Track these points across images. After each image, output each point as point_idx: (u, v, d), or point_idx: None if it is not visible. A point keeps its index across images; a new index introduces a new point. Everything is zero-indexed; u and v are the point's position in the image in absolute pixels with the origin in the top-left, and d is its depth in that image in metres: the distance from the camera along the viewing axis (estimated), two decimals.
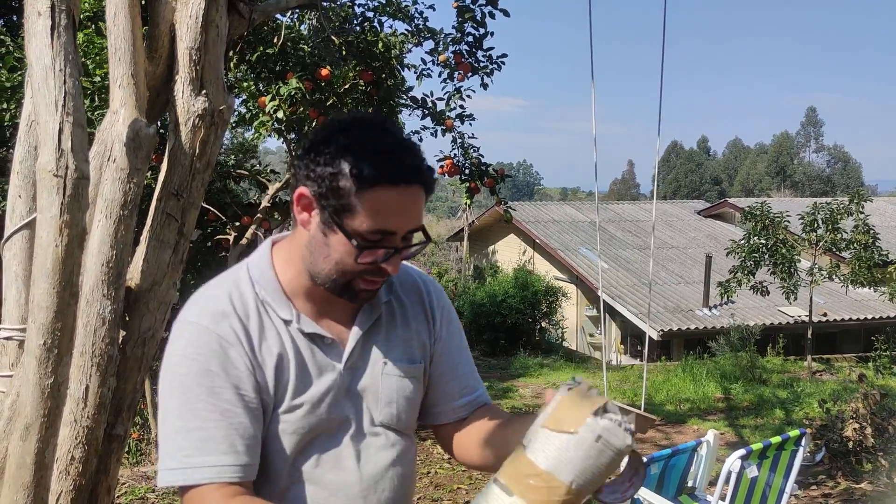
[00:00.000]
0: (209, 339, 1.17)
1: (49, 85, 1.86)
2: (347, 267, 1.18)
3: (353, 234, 1.15)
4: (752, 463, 3.11)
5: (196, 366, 1.16)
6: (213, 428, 1.14)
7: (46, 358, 1.88)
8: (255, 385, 1.18)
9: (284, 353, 1.21)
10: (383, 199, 1.13)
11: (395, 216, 1.14)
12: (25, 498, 1.91)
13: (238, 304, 1.22)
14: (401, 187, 1.13)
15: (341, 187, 1.13)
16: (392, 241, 1.16)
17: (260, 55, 4.71)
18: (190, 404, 1.15)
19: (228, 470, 1.14)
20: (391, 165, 1.13)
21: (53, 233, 1.85)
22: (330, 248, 1.18)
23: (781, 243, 12.15)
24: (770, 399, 9.37)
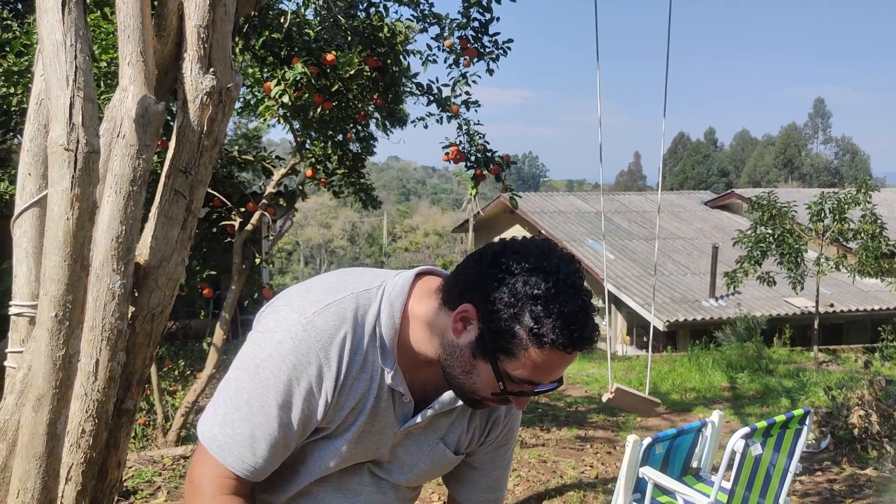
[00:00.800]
0: (312, 360, 1.15)
1: (60, 60, 1.89)
2: (480, 392, 1.18)
3: (503, 374, 1.14)
4: (756, 441, 3.12)
5: (285, 375, 1.15)
6: (267, 435, 1.17)
7: (58, 330, 1.91)
8: (323, 417, 1.19)
9: (368, 398, 1.21)
10: (548, 360, 1.11)
11: (549, 374, 1.14)
12: (38, 468, 1.95)
13: (358, 332, 1.18)
14: (568, 351, 1.11)
15: (515, 335, 1.10)
16: (533, 389, 1.17)
17: (266, 40, 4.72)
18: (259, 401, 1.16)
19: (256, 472, 1.20)
20: (571, 336, 1.09)
21: (65, 206, 1.88)
22: (473, 370, 1.16)
23: (788, 233, 12.14)
24: (776, 388, 9.38)
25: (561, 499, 4.79)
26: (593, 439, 6.53)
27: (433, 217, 55.95)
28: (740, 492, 3.21)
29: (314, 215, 48.11)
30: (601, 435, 6.75)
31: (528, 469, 5.43)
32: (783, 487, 3.42)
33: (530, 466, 5.50)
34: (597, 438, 6.58)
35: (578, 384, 9.97)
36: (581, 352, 1.15)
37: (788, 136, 65.53)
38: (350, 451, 1.25)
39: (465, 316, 1.14)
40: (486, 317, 1.12)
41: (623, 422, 7.29)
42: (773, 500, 3.39)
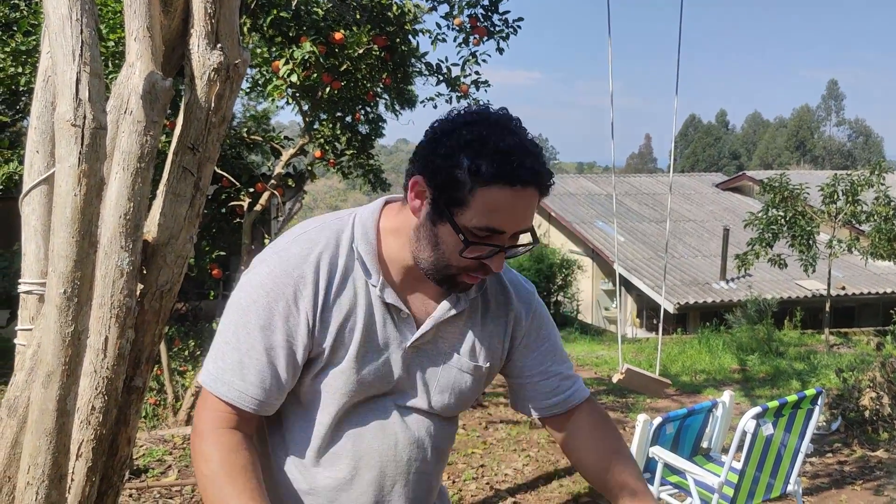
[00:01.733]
0: (287, 281, 1.19)
1: (66, 34, 1.87)
2: (452, 260, 1.18)
3: (462, 228, 1.15)
4: (768, 421, 3.10)
5: (264, 300, 1.19)
6: (254, 360, 1.19)
7: (67, 307, 1.90)
8: (308, 338, 1.20)
9: (356, 313, 1.22)
10: (497, 199, 1.12)
11: (506, 216, 1.14)
12: (48, 444, 1.95)
13: (332, 251, 1.22)
14: (516, 189, 1.12)
15: (458, 181, 1.13)
16: (499, 240, 1.16)
17: (274, 18, 4.68)
18: (244, 328, 1.19)
19: (248, 399, 1.20)
20: (509, 166, 1.11)
21: (72, 182, 1.87)
22: (438, 239, 1.18)
23: (800, 216, 12.04)
24: (786, 370, 9.35)
25: (570, 479, 4.79)
26: None
27: None
28: (751, 472, 3.20)
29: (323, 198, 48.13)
30: (611, 416, 6.75)
31: (537, 449, 5.44)
32: (794, 468, 3.41)
33: (540, 447, 5.51)
34: None
35: (588, 366, 9.97)
36: (530, 188, 1.14)
37: (801, 118, 64.96)
38: (357, 373, 1.22)
39: (416, 188, 1.19)
40: (431, 177, 1.16)
41: (633, 403, 7.29)
42: (783, 480, 3.38)
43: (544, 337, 1.40)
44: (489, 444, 5.55)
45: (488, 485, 4.66)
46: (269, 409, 1.23)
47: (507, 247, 1.18)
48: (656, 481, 3.37)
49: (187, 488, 4.26)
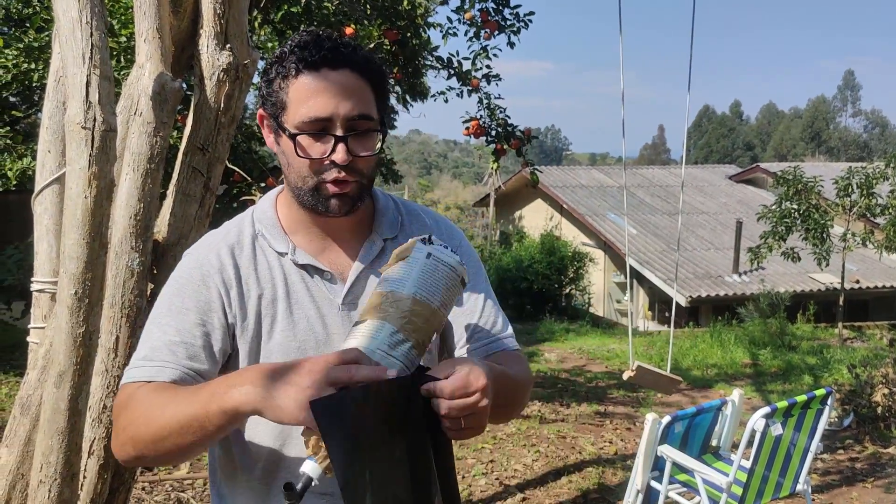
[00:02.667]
0: (193, 266, 1.23)
1: (76, 37, 1.88)
2: (303, 169, 1.17)
3: (288, 130, 1.16)
4: (777, 421, 3.10)
5: (174, 287, 1.22)
6: (167, 340, 1.17)
7: (78, 307, 1.92)
8: (222, 316, 1.20)
9: (275, 284, 1.22)
10: (304, 86, 1.14)
11: (319, 101, 1.13)
12: (60, 442, 1.98)
13: (234, 238, 1.25)
14: (323, 72, 1.14)
15: (273, 90, 1.17)
16: (331, 129, 1.14)
17: (284, 14, 4.68)
18: (159, 319, 1.20)
19: (161, 372, 1.15)
20: (308, 52, 1.14)
21: (82, 184, 1.88)
22: (285, 156, 1.20)
23: (814, 208, 11.94)
24: (798, 365, 9.30)
25: (580, 475, 4.80)
26: (613, 415, 6.52)
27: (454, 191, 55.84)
28: (760, 470, 3.19)
29: None
30: (621, 411, 6.75)
31: (546, 444, 5.45)
32: (804, 467, 3.40)
33: (549, 442, 5.52)
34: (616, 414, 6.58)
35: (599, 360, 9.96)
36: (340, 69, 1.14)
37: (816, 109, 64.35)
38: (293, 342, 1.20)
39: (261, 120, 1.24)
40: (263, 102, 1.21)
41: (643, 398, 7.28)
42: (793, 479, 3.37)
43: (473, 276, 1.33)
44: (499, 439, 5.57)
45: (498, 480, 4.67)
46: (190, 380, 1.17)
47: (342, 135, 1.14)
48: (665, 480, 3.37)
49: (199, 481, 4.30)
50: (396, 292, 1.07)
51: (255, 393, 0.99)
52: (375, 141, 1.20)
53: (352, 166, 1.16)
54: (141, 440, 1.10)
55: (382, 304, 1.07)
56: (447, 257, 1.10)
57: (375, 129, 1.19)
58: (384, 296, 1.08)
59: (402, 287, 1.08)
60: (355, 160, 1.16)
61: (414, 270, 1.08)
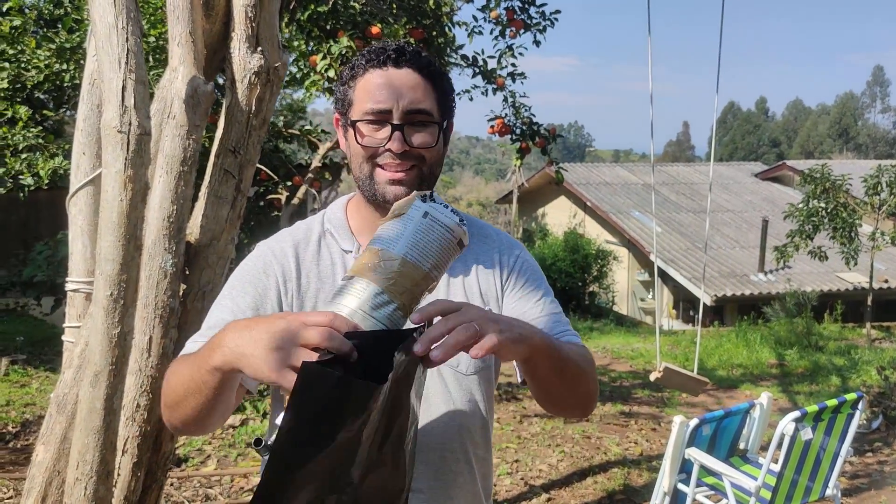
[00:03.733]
0: (260, 254, 1.30)
1: (112, 42, 1.91)
2: (360, 157, 1.24)
3: (354, 119, 1.24)
4: (807, 426, 3.07)
5: (239, 273, 1.29)
6: (220, 318, 1.21)
7: (113, 308, 1.95)
8: (278, 303, 1.25)
9: (335, 281, 1.27)
10: (368, 82, 1.23)
11: (380, 93, 1.21)
12: (96, 441, 2.01)
13: (302, 234, 1.32)
14: (386, 69, 1.22)
15: (343, 88, 1.27)
16: (390, 120, 1.21)
17: (311, 13, 4.70)
18: (219, 300, 1.27)
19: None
20: (374, 53, 1.23)
21: (118, 187, 1.91)
22: (350, 149, 1.27)
23: (842, 207, 11.78)
24: (826, 366, 9.19)
25: (605, 475, 4.78)
26: (638, 415, 6.49)
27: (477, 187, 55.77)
28: (789, 475, 3.16)
29: None
30: (646, 411, 6.71)
31: (571, 444, 5.44)
32: (833, 471, 3.36)
33: (574, 442, 5.51)
34: (641, 415, 6.55)
35: (623, 359, 9.91)
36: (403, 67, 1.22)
37: (844, 105, 63.41)
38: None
39: (336, 123, 1.32)
40: (336, 105, 1.30)
41: (668, 398, 7.23)
42: (822, 483, 3.34)
43: (533, 281, 1.35)
44: (523, 438, 5.56)
45: (522, 480, 4.67)
46: None
47: (398, 124, 1.21)
48: (692, 483, 3.35)
49: (226, 478, 4.34)
50: (387, 251, 1.04)
51: (230, 351, 0.98)
52: (435, 135, 1.25)
53: (410, 155, 1.22)
54: (168, 407, 1.16)
55: (371, 262, 1.04)
56: (445, 217, 1.07)
57: (433, 123, 1.24)
58: (374, 253, 1.04)
59: (394, 246, 1.04)
60: (411, 150, 1.22)
61: (408, 229, 1.05)
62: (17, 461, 4.45)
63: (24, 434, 5.01)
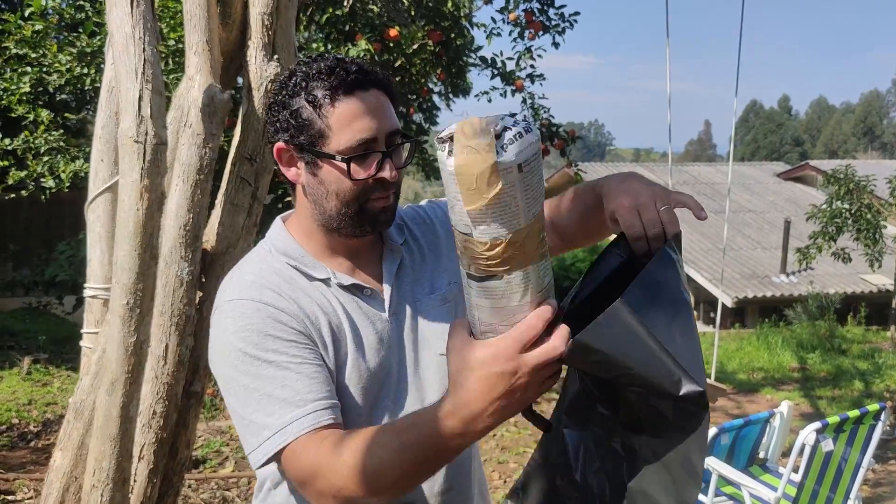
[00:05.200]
0: (257, 308, 1.13)
1: (129, 52, 1.91)
2: (349, 193, 1.17)
3: (330, 155, 1.15)
4: (828, 436, 3.02)
5: (254, 335, 1.11)
6: (294, 382, 1.09)
7: (129, 317, 1.96)
8: (313, 343, 1.15)
9: (335, 312, 1.20)
10: (347, 111, 1.14)
11: (365, 122, 1.15)
12: (112, 448, 2.02)
13: (270, 277, 1.19)
14: (358, 94, 1.15)
15: (306, 120, 1.15)
16: (376, 148, 1.16)
17: (329, 16, 4.71)
18: (262, 372, 1.10)
19: (322, 414, 1.09)
20: (339, 79, 1.14)
21: (135, 197, 1.92)
22: (325, 184, 1.17)
23: (867, 208, 11.60)
24: (849, 370, 9.07)
25: None
26: None
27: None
28: (810, 485, 3.12)
29: None
30: None
31: None
32: (855, 482, 3.31)
33: None
34: None
35: None
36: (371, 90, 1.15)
37: (869, 103, 62.61)
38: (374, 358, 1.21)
39: (283, 155, 1.20)
40: (287, 136, 1.17)
41: None
42: (843, 494, 3.29)
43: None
44: None
45: None
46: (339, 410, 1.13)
47: (387, 151, 1.16)
48: (710, 492, 3.31)
49: (244, 480, 4.36)
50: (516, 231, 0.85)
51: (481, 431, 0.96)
52: (405, 152, 1.23)
53: (396, 180, 1.20)
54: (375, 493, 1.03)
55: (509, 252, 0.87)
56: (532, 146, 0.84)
57: (408, 142, 1.23)
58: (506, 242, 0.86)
59: (518, 222, 0.85)
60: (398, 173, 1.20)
61: (517, 198, 0.84)
62: (38, 461, 4.50)
63: (45, 434, 5.07)
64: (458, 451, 1.00)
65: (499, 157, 0.81)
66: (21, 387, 6.15)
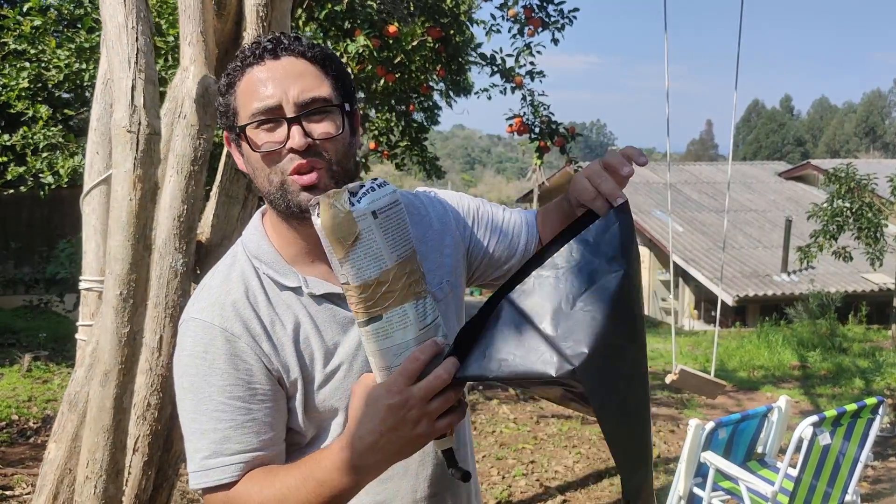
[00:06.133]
0: (214, 335, 1.10)
1: (122, 42, 1.91)
2: (264, 168, 1.09)
3: (241, 130, 1.10)
4: (825, 430, 3.01)
5: (205, 365, 1.09)
6: (228, 427, 1.09)
7: (123, 308, 1.96)
8: (268, 375, 1.11)
9: (300, 325, 1.13)
10: (247, 83, 1.09)
11: (267, 89, 1.07)
12: (106, 440, 2.02)
13: (241, 289, 1.13)
14: (263, 64, 1.09)
15: (223, 101, 1.13)
16: (281, 115, 1.08)
17: (328, 12, 4.71)
18: (203, 405, 1.09)
19: (244, 467, 1.09)
20: (248, 51, 1.11)
21: (128, 187, 1.91)
22: (249, 163, 1.12)
23: (867, 207, 11.59)
24: (849, 368, 9.05)
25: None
26: (656, 417, 6.43)
27: (498, 186, 55.71)
28: (807, 480, 3.11)
29: None
30: (664, 412, 6.65)
31: (588, 446, 5.40)
32: (853, 477, 3.30)
33: (591, 443, 5.47)
34: (660, 416, 6.49)
35: None
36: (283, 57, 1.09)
37: (871, 103, 62.51)
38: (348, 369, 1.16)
39: (227, 143, 1.18)
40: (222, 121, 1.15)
41: (687, 399, 7.16)
42: (841, 489, 3.28)
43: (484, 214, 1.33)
44: (540, 439, 5.53)
45: (538, 481, 4.64)
46: (275, 458, 1.13)
47: (294, 117, 1.07)
48: (708, 487, 3.30)
49: None
50: (384, 271, 0.95)
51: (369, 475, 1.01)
52: (338, 122, 1.10)
53: (314, 150, 1.08)
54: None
55: (378, 291, 0.96)
56: (386, 198, 0.95)
57: (332, 108, 1.10)
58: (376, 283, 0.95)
59: (383, 263, 0.95)
60: (316, 144, 1.08)
61: (376, 243, 0.94)
62: (37, 457, 4.50)
63: (44, 430, 5.06)
64: (354, 487, 1.02)
65: (352, 206, 0.94)
66: (21, 384, 6.16)
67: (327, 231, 0.95)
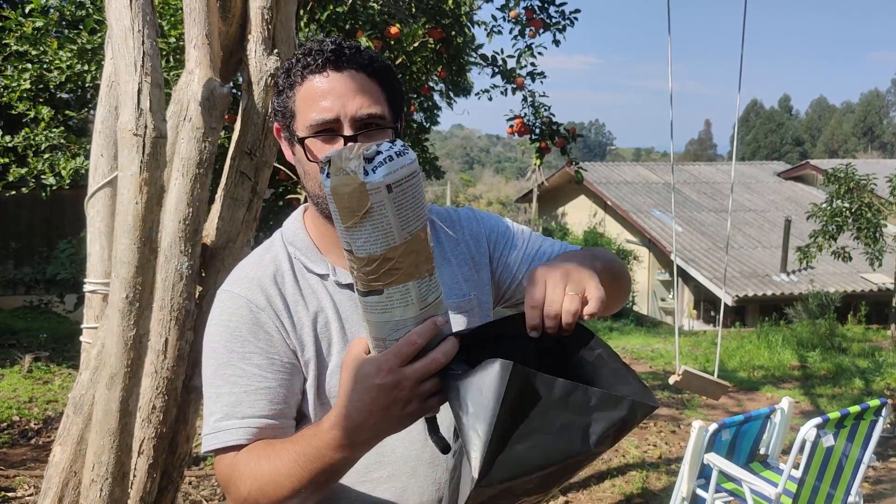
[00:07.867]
0: (240, 305, 1.16)
1: (128, 46, 1.91)
2: (317, 175, 1.13)
3: (298, 135, 1.15)
4: (829, 432, 3.01)
5: (227, 332, 1.15)
6: (242, 392, 1.13)
7: (129, 311, 1.96)
8: (286, 347, 1.15)
9: (322, 310, 1.18)
10: (308, 91, 1.13)
11: (325, 102, 1.12)
12: (111, 442, 2.02)
13: (271, 269, 1.19)
14: (328, 74, 1.13)
15: (282, 100, 1.17)
16: (338, 130, 1.12)
17: (330, 14, 4.70)
18: (221, 370, 1.14)
19: (255, 431, 1.12)
20: (307, 59, 1.14)
21: (134, 190, 1.91)
22: (301, 165, 1.17)
23: (867, 207, 11.59)
24: (849, 368, 9.06)
25: (623, 478, 4.74)
26: (657, 417, 6.44)
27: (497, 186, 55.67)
28: (810, 481, 3.11)
29: None
30: (665, 413, 6.65)
31: None
32: (856, 479, 3.31)
33: None
34: (661, 417, 6.49)
35: (643, 360, 9.84)
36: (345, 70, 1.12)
37: (869, 103, 62.54)
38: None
39: (277, 135, 1.22)
40: (277, 116, 1.19)
41: (688, 400, 7.17)
42: (844, 490, 3.28)
43: (512, 236, 1.34)
44: None
45: None
46: (285, 430, 1.15)
47: (347, 135, 1.12)
48: (711, 488, 3.31)
49: None
50: (391, 248, 0.90)
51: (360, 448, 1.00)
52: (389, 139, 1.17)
53: None
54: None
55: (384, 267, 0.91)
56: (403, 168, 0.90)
57: (387, 127, 1.16)
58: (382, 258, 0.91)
59: (392, 239, 0.90)
60: None
61: (387, 218, 0.89)
62: (38, 458, 4.49)
63: (45, 431, 5.06)
64: (345, 463, 1.02)
65: (366, 178, 0.88)
66: (22, 384, 6.15)
67: (335, 197, 0.90)
